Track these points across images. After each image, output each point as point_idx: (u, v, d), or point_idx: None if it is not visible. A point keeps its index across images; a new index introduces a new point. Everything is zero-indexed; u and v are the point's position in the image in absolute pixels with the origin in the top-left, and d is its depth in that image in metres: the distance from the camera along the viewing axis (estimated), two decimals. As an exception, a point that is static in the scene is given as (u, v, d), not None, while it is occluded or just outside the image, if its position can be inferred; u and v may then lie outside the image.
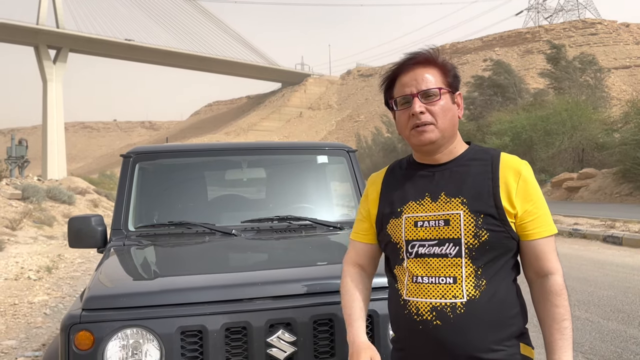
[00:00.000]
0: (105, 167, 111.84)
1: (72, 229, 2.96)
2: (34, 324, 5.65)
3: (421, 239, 1.49)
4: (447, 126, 1.51)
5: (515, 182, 1.47)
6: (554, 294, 1.45)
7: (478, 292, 1.42)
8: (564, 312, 1.44)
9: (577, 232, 12.01)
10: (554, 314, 1.44)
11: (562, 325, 1.43)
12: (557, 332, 1.43)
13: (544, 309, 1.46)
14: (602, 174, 23.75)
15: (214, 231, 2.91)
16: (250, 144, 3.73)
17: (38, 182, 21.90)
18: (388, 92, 1.59)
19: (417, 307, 1.46)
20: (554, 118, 29.56)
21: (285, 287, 2.04)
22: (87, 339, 1.84)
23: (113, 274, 2.33)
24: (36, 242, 12.59)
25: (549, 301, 1.45)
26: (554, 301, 1.45)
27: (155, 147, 3.42)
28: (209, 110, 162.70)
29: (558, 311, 1.44)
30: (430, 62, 1.54)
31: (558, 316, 1.44)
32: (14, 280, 8.00)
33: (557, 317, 1.44)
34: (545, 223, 1.48)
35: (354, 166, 3.37)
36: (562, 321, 1.43)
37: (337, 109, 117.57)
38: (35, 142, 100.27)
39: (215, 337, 1.89)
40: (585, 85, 37.71)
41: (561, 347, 1.42)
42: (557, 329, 1.43)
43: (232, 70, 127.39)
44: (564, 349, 1.42)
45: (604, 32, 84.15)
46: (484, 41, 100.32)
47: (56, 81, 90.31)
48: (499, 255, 1.45)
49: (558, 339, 1.43)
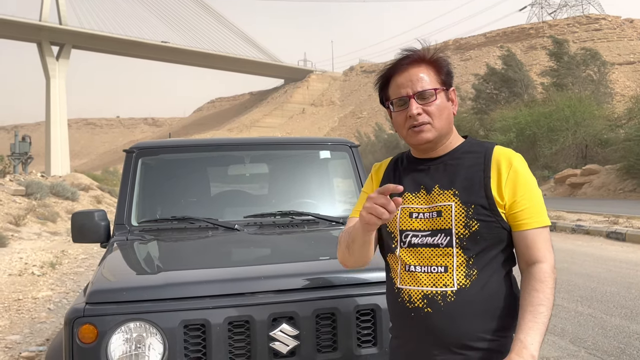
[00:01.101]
0: (108, 164, 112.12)
1: (76, 224, 2.97)
2: (37, 319, 5.67)
3: (415, 229, 1.52)
4: (443, 125, 1.54)
5: (506, 172, 1.48)
6: (537, 280, 1.43)
7: (469, 282, 1.44)
8: (543, 297, 1.40)
9: (580, 228, 11.98)
10: (531, 297, 1.41)
11: (537, 309, 1.39)
12: (530, 313, 1.39)
13: (524, 293, 1.44)
14: (606, 170, 23.68)
15: (217, 226, 2.91)
16: (253, 139, 3.73)
17: (41, 179, 21.94)
18: (383, 92, 1.61)
19: (410, 295, 1.49)
20: (557, 115, 29.48)
21: (287, 281, 2.04)
22: (90, 332, 1.84)
23: (116, 268, 2.34)
24: (40, 238, 12.63)
25: (530, 285, 1.43)
26: (535, 285, 1.42)
27: (158, 143, 3.42)
28: (212, 106, 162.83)
29: (536, 295, 1.41)
30: (424, 61, 1.55)
31: (535, 300, 1.40)
32: (18, 275, 8.03)
33: (534, 300, 1.40)
34: (537, 214, 1.48)
35: (356, 161, 3.37)
36: (538, 305, 1.39)
37: (340, 105, 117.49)
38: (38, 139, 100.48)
39: (218, 331, 1.90)
40: (588, 80, 37.50)
41: (529, 329, 1.37)
42: (530, 311, 1.39)
43: (235, 67, 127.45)
44: (532, 330, 1.36)
45: (607, 27, 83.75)
46: (487, 37, 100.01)
47: (59, 77, 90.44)
48: (491, 245, 1.47)
49: (528, 320, 1.38)
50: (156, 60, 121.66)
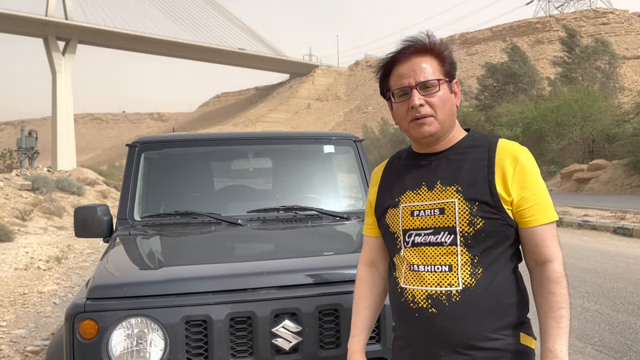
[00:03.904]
0: (114, 159, 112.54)
1: (78, 219, 2.97)
2: (43, 313, 5.69)
3: (417, 228, 1.48)
4: (446, 117, 1.49)
5: (512, 168, 1.44)
6: (551, 281, 1.42)
7: (474, 280, 1.41)
8: (561, 300, 1.40)
9: (587, 223, 11.90)
10: (550, 301, 1.41)
11: (558, 313, 1.39)
12: (552, 320, 1.39)
13: (541, 297, 1.43)
14: (613, 165, 23.50)
15: (220, 221, 2.89)
16: (256, 134, 3.70)
17: (48, 173, 22.02)
18: (384, 82, 1.56)
19: (414, 295, 1.45)
20: (564, 109, 29.29)
21: (290, 277, 2.02)
22: (91, 328, 1.83)
23: (118, 263, 2.32)
24: (46, 233, 12.69)
25: (546, 289, 1.42)
26: (551, 289, 1.41)
27: (161, 137, 3.40)
28: (217, 101, 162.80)
29: (554, 299, 1.40)
30: (427, 51, 1.50)
31: (554, 304, 1.40)
32: (24, 270, 8.06)
33: (554, 305, 1.40)
34: (544, 210, 1.44)
35: (360, 156, 3.34)
36: (558, 309, 1.40)
37: (345, 100, 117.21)
38: (45, 134, 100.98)
39: (219, 327, 1.88)
40: (599, 71, 37.13)
41: (555, 336, 1.38)
42: (552, 317, 1.40)
43: (240, 62, 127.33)
44: (558, 337, 1.38)
45: (615, 21, 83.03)
46: (493, 31, 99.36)
47: (65, 72, 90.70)
48: (496, 243, 1.43)
49: (552, 327, 1.39)
50: (162, 55, 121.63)
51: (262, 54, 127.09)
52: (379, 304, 1.71)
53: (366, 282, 1.69)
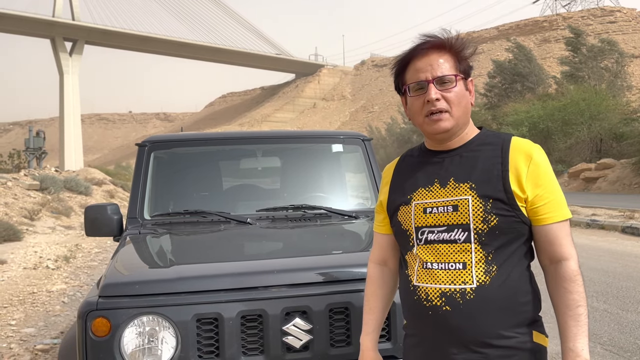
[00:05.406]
0: (121, 159, 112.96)
1: (89, 218, 2.98)
2: (52, 312, 5.73)
3: (430, 225, 1.47)
4: (461, 114, 1.49)
5: (526, 166, 1.43)
6: (567, 280, 1.42)
7: (488, 278, 1.40)
8: (578, 298, 1.40)
9: (595, 222, 11.83)
10: (567, 300, 1.41)
11: (576, 312, 1.40)
12: (571, 319, 1.40)
13: (558, 296, 1.43)
14: (621, 165, 23.34)
15: (229, 220, 2.90)
16: (265, 133, 3.71)
17: (55, 173, 22.14)
18: (400, 77, 1.56)
19: (427, 293, 1.45)
20: (571, 108, 29.12)
21: (301, 275, 2.03)
22: (103, 325, 1.84)
23: (129, 261, 2.33)
24: (54, 232, 12.76)
25: (563, 287, 1.42)
26: (567, 287, 1.41)
27: (170, 136, 3.41)
28: (223, 101, 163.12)
29: (572, 297, 1.41)
30: (445, 47, 1.50)
31: (572, 302, 1.40)
32: (33, 269, 8.12)
33: (571, 303, 1.40)
34: (558, 207, 1.44)
35: (369, 155, 3.34)
36: (576, 307, 1.40)
37: (351, 99, 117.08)
38: (52, 134, 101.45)
39: (230, 324, 1.89)
40: (606, 70, 36.90)
41: (575, 334, 1.38)
42: (570, 316, 1.40)
43: (246, 62, 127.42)
44: (578, 336, 1.38)
45: (623, 20, 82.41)
46: (500, 30, 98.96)
47: (72, 73, 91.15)
48: (510, 240, 1.43)
49: (572, 326, 1.39)
50: (168, 55, 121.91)
51: (268, 53, 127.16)
52: (389, 301, 1.72)
53: (377, 281, 1.70)
